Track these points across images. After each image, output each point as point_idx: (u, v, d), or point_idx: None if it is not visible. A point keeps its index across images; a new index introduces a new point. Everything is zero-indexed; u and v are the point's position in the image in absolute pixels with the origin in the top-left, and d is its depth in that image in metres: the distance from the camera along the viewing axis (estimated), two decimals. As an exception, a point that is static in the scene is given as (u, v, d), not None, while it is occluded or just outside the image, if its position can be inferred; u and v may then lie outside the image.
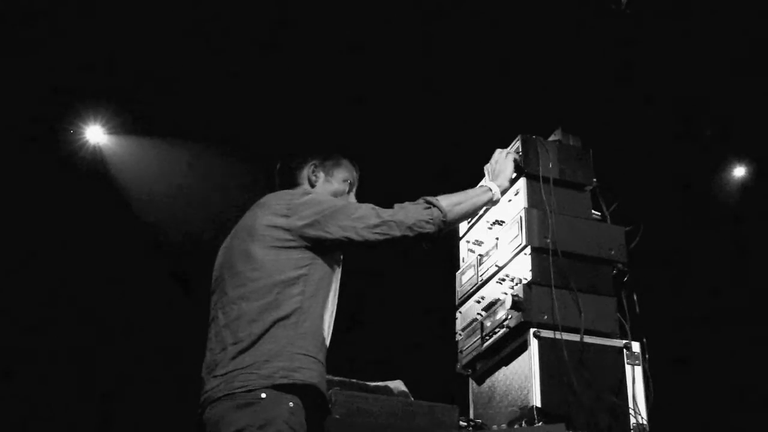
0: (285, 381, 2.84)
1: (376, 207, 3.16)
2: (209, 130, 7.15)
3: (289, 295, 2.98)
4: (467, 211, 3.34)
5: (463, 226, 4.03)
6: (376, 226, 3.10)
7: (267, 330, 2.93)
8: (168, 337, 7.05)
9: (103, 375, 7.28)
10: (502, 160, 3.58)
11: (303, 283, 3.01)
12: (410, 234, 3.12)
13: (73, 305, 7.19)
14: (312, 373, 2.91)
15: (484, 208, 3.54)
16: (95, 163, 7.18)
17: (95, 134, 7.13)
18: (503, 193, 3.55)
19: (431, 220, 3.15)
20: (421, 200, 3.21)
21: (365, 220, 3.10)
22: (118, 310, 7.30)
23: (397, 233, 3.11)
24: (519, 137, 3.66)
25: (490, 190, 3.43)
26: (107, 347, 7.22)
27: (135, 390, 7.26)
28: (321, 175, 3.39)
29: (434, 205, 3.19)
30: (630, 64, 6.32)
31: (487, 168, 3.67)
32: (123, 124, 7.11)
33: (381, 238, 3.09)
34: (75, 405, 7.21)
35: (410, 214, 3.14)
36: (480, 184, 3.67)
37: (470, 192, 3.39)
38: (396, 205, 3.18)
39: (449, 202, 3.24)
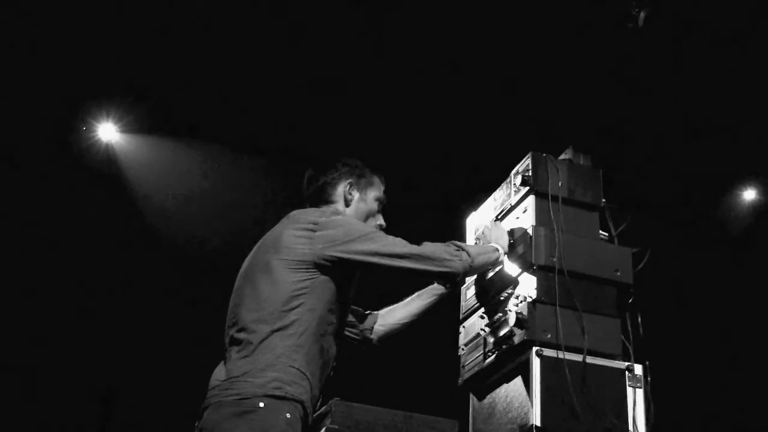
0: (278, 393, 2.86)
1: (405, 240, 3.19)
2: (228, 132, 7.15)
3: (290, 306, 3.01)
4: (485, 264, 3.42)
5: (470, 241, 4.03)
6: (401, 256, 3.13)
7: (265, 338, 2.96)
8: (171, 340, 7.07)
9: (106, 376, 7.29)
10: (495, 229, 3.58)
11: (305, 296, 3.03)
12: (435, 268, 3.17)
13: (80, 304, 7.21)
14: (300, 389, 2.93)
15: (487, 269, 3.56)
16: (107, 162, 7.18)
17: (108, 132, 7.13)
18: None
19: (460, 261, 3.21)
20: (450, 243, 3.27)
21: (392, 248, 3.14)
22: (124, 311, 7.32)
23: (422, 266, 3.15)
24: (529, 154, 3.66)
25: (498, 250, 3.46)
26: (110, 348, 7.23)
27: (137, 392, 7.28)
28: (356, 194, 3.38)
29: (463, 249, 3.25)
30: (645, 84, 6.33)
31: (479, 238, 3.68)
32: (136, 122, 7.12)
33: (402, 265, 3.12)
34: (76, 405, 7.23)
35: (439, 252, 3.20)
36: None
37: (486, 247, 3.45)
38: (425, 243, 3.22)
39: (475, 251, 3.31)
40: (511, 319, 3.40)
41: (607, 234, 3.67)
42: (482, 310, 3.74)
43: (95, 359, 7.21)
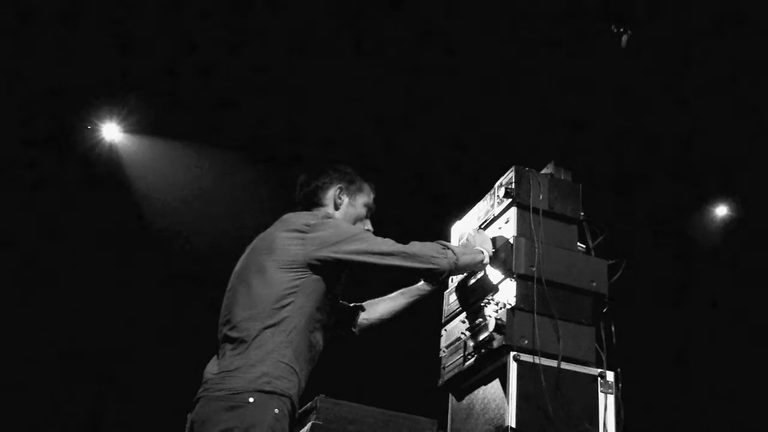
0: (267, 387, 3.00)
1: (392, 240, 3.32)
2: (230, 134, 7.22)
3: (281, 305, 3.14)
4: (470, 264, 3.53)
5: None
6: (389, 254, 3.26)
7: (257, 336, 3.09)
8: (166, 334, 7.15)
9: (102, 366, 7.37)
10: (479, 236, 3.69)
11: (295, 295, 3.16)
12: (421, 266, 3.30)
13: (80, 298, 7.28)
14: (289, 384, 3.07)
15: (471, 271, 3.67)
16: (110, 161, 7.26)
17: (111, 132, 7.21)
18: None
19: (446, 259, 3.34)
20: (437, 242, 3.40)
21: (380, 246, 3.27)
22: (123, 306, 7.39)
23: (409, 263, 3.29)
24: (513, 168, 3.80)
25: (482, 253, 3.57)
26: (109, 347, 7.29)
27: (132, 383, 7.36)
28: (345, 199, 3.51)
29: (449, 248, 3.38)
30: (626, 103, 6.44)
31: (464, 245, 3.78)
32: (140, 122, 7.20)
33: (389, 263, 3.26)
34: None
35: (425, 250, 3.33)
36: None
37: (472, 249, 3.56)
38: (412, 242, 3.35)
39: (460, 251, 3.44)
40: (491, 324, 3.53)
41: (584, 246, 3.81)
42: (464, 314, 3.86)
43: (93, 351, 7.29)
